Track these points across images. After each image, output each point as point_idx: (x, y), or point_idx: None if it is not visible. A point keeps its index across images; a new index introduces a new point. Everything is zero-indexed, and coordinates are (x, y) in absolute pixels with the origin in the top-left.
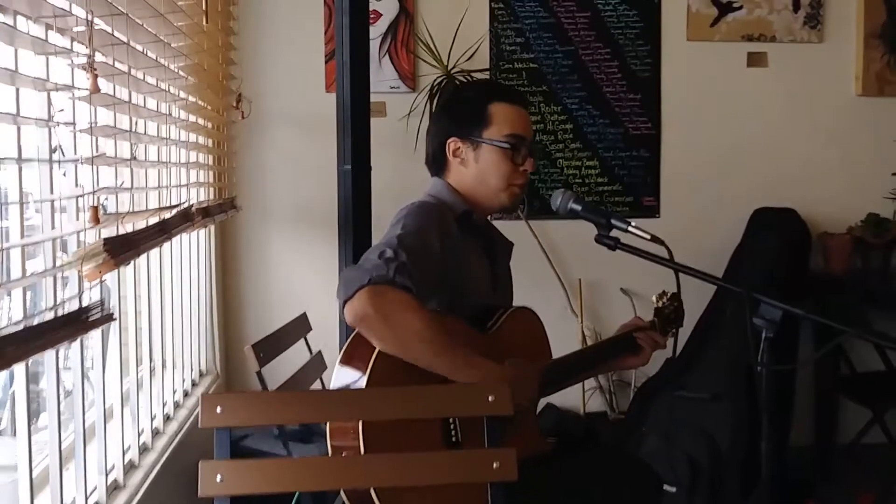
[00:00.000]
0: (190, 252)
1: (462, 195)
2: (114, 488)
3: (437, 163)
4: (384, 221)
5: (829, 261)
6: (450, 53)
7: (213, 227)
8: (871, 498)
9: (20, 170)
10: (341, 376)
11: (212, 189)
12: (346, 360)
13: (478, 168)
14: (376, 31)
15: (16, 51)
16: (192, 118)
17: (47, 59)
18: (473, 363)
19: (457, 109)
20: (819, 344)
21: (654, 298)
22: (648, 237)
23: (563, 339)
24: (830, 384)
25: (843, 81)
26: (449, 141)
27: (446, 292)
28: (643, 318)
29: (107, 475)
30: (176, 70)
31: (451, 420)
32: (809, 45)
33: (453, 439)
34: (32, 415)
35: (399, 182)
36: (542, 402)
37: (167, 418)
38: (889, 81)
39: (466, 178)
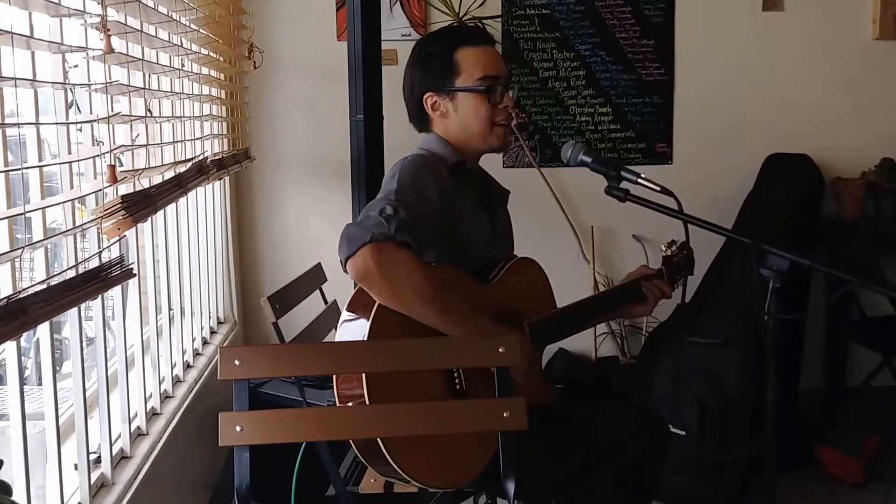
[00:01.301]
0: (206, 202)
1: (452, 145)
2: (137, 435)
3: (419, 119)
4: None
5: (842, 206)
6: (461, 0)
7: (227, 178)
8: (878, 440)
9: (38, 130)
10: (345, 319)
11: (225, 140)
12: (352, 308)
13: (459, 117)
14: None
15: (30, 14)
16: (205, 70)
17: (61, 20)
18: (472, 321)
19: (425, 64)
20: (830, 289)
21: (662, 247)
22: (658, 189)
23: (576, 286)
24: (841, 329)
25: (860, 25)
26: (425, 97)
27: (445, 244)
28: (652, 266)
29: (130, 423)
30: (187, 23)
31: (455, 369)
32: None
33: (457, 387)
34: (56, 363)
35: (411, 130)
36: (553, 346)
37: (187, 366)
38: None
39: (451, 129)
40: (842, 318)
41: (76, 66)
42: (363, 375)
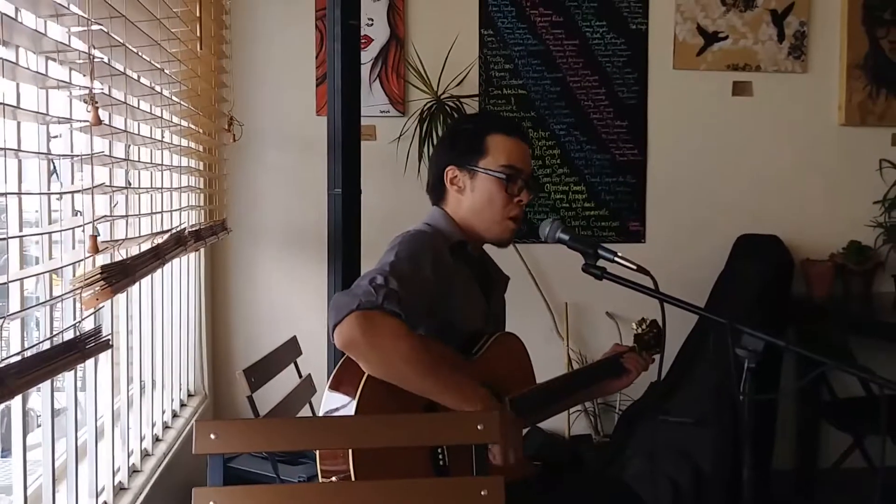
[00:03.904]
0: (181, 273)
1: (458, 224)
2: None
3: (436, 191)
4: (374, 244)
5: (812, 287)
6: (440, 79)
7: (203, 249)
8: None
9: (20, 200)
10: (330, 401)
11: (203, 212)
12: (336, 386)
13: (473, 197)
14: (367, 55)
15: (17, 85)
16: (185, 142)
17: (47, 91)
18: (460, 385)
19: (456, 139)
20: (801, 369)
21: (633, 325)
22: (635, 267)
23: (550, 362)
24: (812, 409)
25: (827, 111)
26: (447, 169)
27: (436, 320)
28: (624, 344)
29: (97, 497)
30: (170, 96)
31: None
32: (793, 75)
33: (441, 463)
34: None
35: (389, 205)
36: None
37: (156, 439)
38: (871, 111)
39: (463, 207)
40: (813, 399)
41: (59, 136)
42: (349, 452)
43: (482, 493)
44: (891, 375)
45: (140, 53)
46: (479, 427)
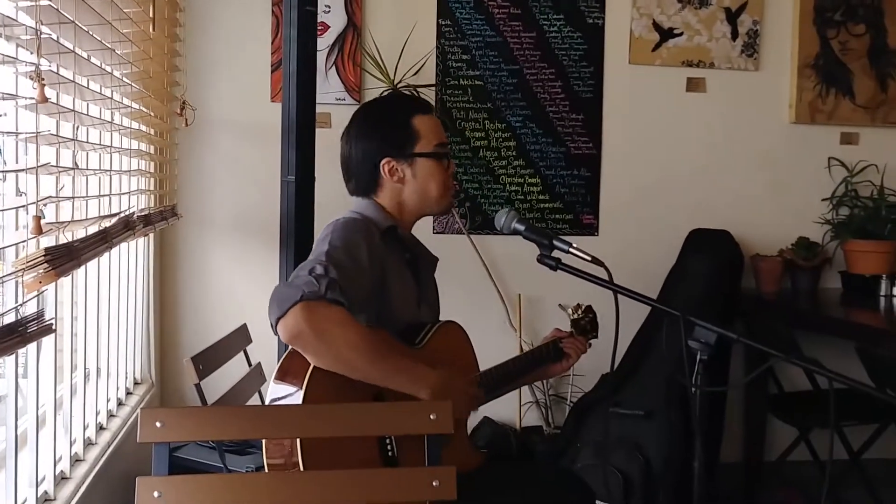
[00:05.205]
0: (128, 259)
1: (390, 212)
2: (44, 500)
3: (368, 185)
4: None
5: (761, 282)
6: (396, 67)
7: (152, 235)
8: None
9: None
10: (276, 392)
11: (153, 196)
12: (281, 376)
13: (417, 182)
14: (324, 42)
15: None
16: (136, 125)
17: None
18: (409, 368)
19: (383, 130)
20: (749, 363)
21: (569, 311)
22: (589, 258)
23: (502, 353)
24: (759, 403)
25: (778, 109)
26: (383, 162)
27: (375, 307)
28: (563, 330)
29: (37, 486)
30: (121, 77)
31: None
32: (746, 73)
33: (389, 453)
34: None
35: (342, 194)
36: (478, 415)
37: (100, 428)
38: (820, 110)
39: (405, 194)
40: (760, 392)
41: (4, 114)
42: (297, 441)
43: (434, 483)
44: (836, 369)
45: (90, 32)
46: (431, 417)
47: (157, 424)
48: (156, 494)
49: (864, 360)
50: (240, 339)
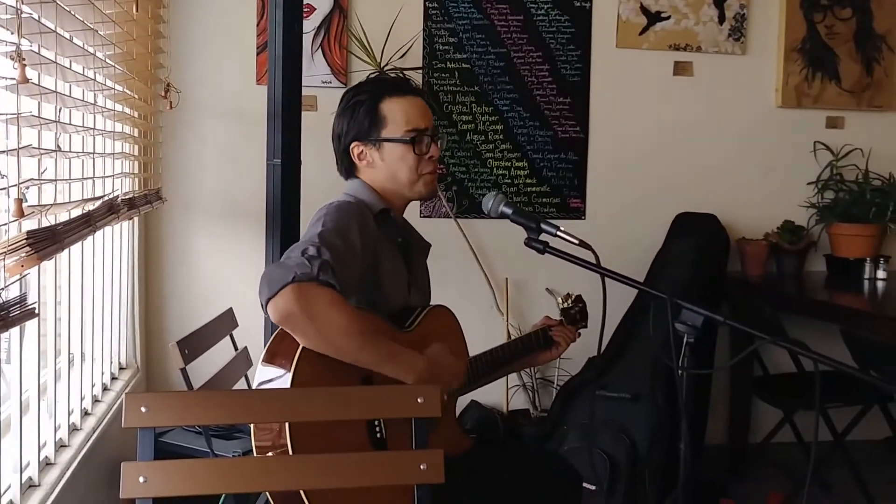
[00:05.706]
0: (112, 243)
1: (378, 193)
2: (29, 486)
3: (345, 168)
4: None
5: (746, 265)
6: (383, 50)
7: (136, 219)
8: (781, 496)
9: None
10: (264, 374)
11: (137, 180)
12: (270, 359)
13: (385, 166)
14: (310, 24)
15: None
16: (119, 107)
17: None
18: (398, 354)
19: (352, 114)
20: (735, 346)
21: (559, 300)
22: (577, 242)
23: (489, 337)
24: (744, 385)
25: (764, 93)
26: (352, 146)
27: (366, 290)
28: (553, 318)
29: (21, 472)
30: (104, 58)
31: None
32: (733, 57)
33: (378, 436)
34: None
35: (329, 176)
36: (466, 399)
37: (85, 413)
38: (807, 94)
39: (378, 178)
40: (745, 374)
41: None
42: (286, 425)
43: (421, 466)
44: (821, 352)
45: (72, 12)
46: (419, 400)
47: (143, 409)
48: (141, 479)
49: (848, 343)
50: (226, 323)
